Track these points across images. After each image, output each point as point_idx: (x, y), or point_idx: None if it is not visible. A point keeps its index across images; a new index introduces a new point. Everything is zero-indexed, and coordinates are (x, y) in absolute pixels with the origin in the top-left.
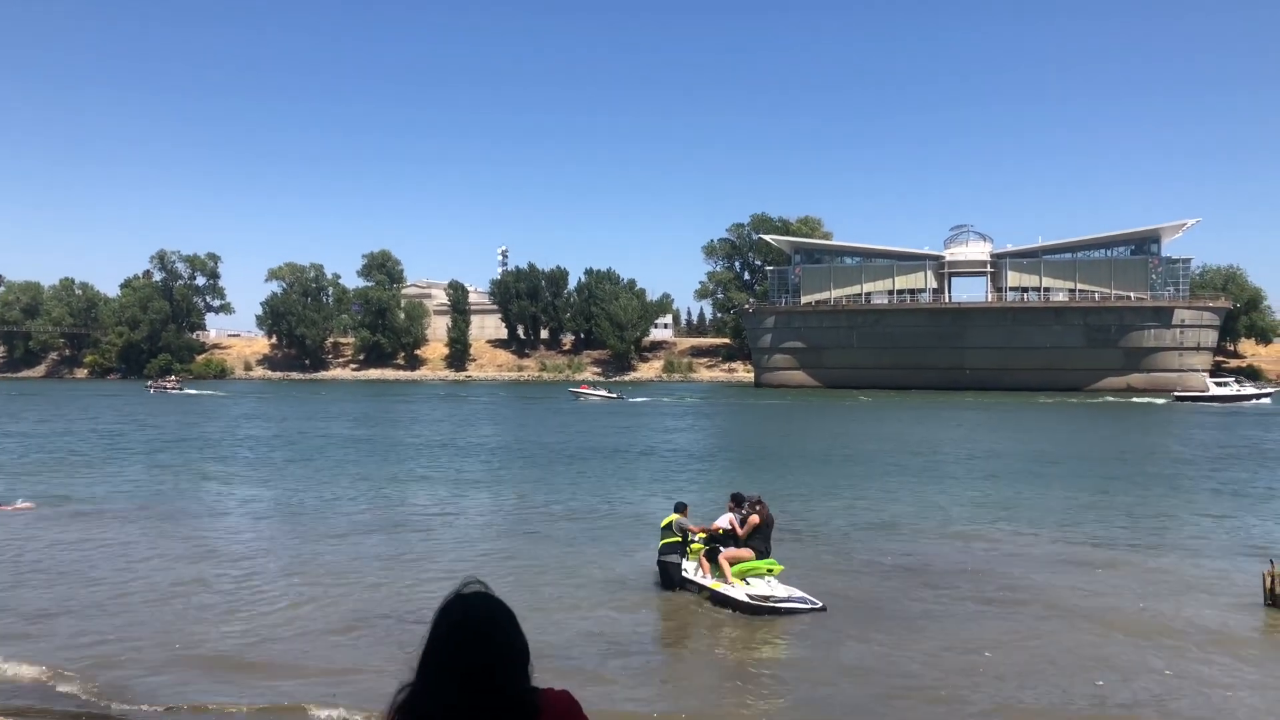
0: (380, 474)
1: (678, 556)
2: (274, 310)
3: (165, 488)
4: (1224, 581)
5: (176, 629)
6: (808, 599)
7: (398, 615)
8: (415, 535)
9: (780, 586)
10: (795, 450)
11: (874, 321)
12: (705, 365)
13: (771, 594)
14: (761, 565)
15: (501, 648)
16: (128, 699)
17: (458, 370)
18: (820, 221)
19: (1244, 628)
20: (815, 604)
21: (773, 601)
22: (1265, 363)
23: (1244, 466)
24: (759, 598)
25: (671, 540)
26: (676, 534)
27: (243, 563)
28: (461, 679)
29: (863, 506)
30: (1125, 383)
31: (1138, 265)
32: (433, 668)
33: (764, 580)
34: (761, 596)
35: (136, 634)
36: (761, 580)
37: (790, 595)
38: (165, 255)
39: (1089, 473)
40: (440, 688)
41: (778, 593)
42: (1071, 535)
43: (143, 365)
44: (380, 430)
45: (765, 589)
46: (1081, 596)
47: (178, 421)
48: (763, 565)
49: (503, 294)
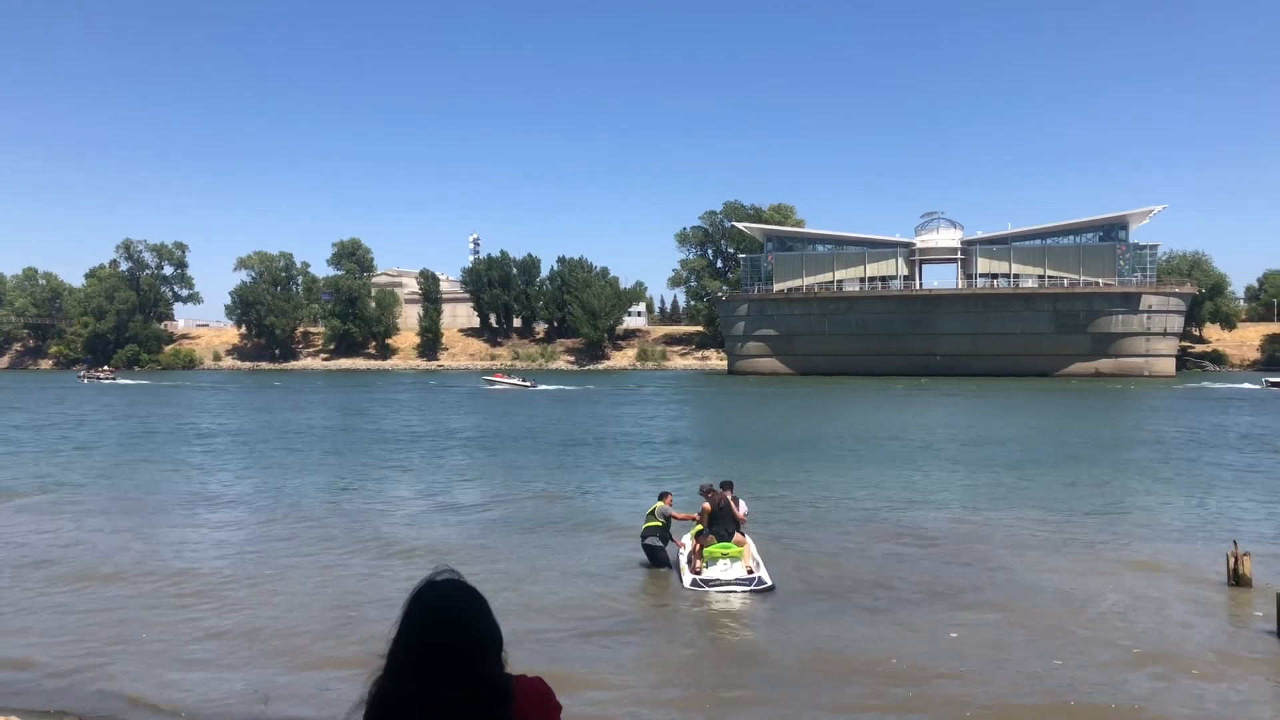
0: (331, 469)
1: (658, 539)
2: (243, 300)
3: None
4: (1189, 562)
5: (149, 625)
6: (759, 579)
7: (376, 606)
8: (380, 525)
9: (735, 568)
10: (762, 437)
11: (846, 309)
12: (679, 353)
13: (721, 576)
14: (717, 549)
15: (473, 634)
16: (100, 698)
17: (430, 359)
18: (793, 209)
19: (1207, 607)
20: (765, 583)
21: (721, 584)
22: (1229, 347)
23: (1216, 450)
24: (711, 580)
25: (654, 525)
26: (660, 520)
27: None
28: (433, 666)
29: (832, 490)
30: (1094, 368)
31: (1106, 251)
32: (403, 655)
33: (720, 563)
34: (713, 579)
35: (107, 631)
36: (719, 563)
37: (739, 577)
38: (131, 244)
39: (1058, 456)
40: (412, 675)
41: (729, 574)
42: (1040, 517)
43: (109, 356)
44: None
45: (718, 571)
46: (1047, 577)
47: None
48: (718, 549)
49: (475, 282)
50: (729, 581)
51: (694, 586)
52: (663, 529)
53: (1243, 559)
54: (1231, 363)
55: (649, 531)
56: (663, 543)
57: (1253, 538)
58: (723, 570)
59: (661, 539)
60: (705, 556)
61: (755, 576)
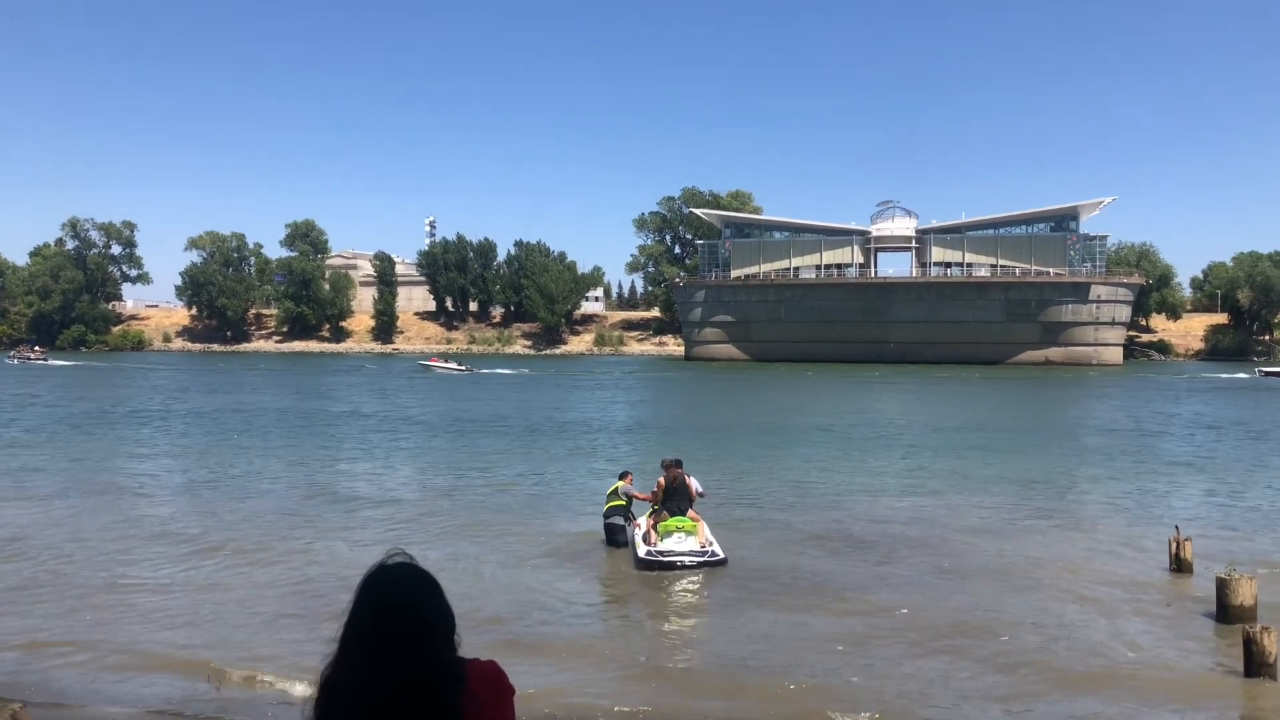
0: (285, 450)
1: (621, 518)
2: (194, 280)
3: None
4: (1133, 547)
5: (105, 620)
6: (713, 553)
7: (331, 590)
8: (343, 509)
9: (689, 541)
10: (720, 423)
11: (802, 295)
12: (636, 339)
13: (676, 548)
14: (672, 523)
15: (425, 617)
16: (57, 697)
17: (384, 343)
18: (750, 195)
19: (1149, 591)
20: (718, 556)
21: (675, 555)
22: (1174, 337)
23: (1168, 437)
24: (666, 552)
25: (616, 504)
26: (621, 499)
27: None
28: (384, 650)
29: (784, 474)
30: (1044, 356)
31: (1057, 242)
32: (355, 640)
33: (675, 536)
34: (668, 551)
35: (61, 625)
36: (673, 536)
37: (693, 550)
38: (78, 223)
39: (1012, 443)
40: (363, 660)
41: (683, 547)
42: (990, 502)
43: (55, 336)
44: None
45: (674, 544)
46: (996, 561)
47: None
48: (673, 523)
49: (430, 265)
50: (683, 553)
51: (648, 558)
52: (625, 508)
53: (1184, 544)
54: (1176, 352)
55: (612, 510)
56: (624, 521)
57: (1198, 523)
58: (677, 543)
59: (624, 517)
60: (660, 531)
61: (709, 550)
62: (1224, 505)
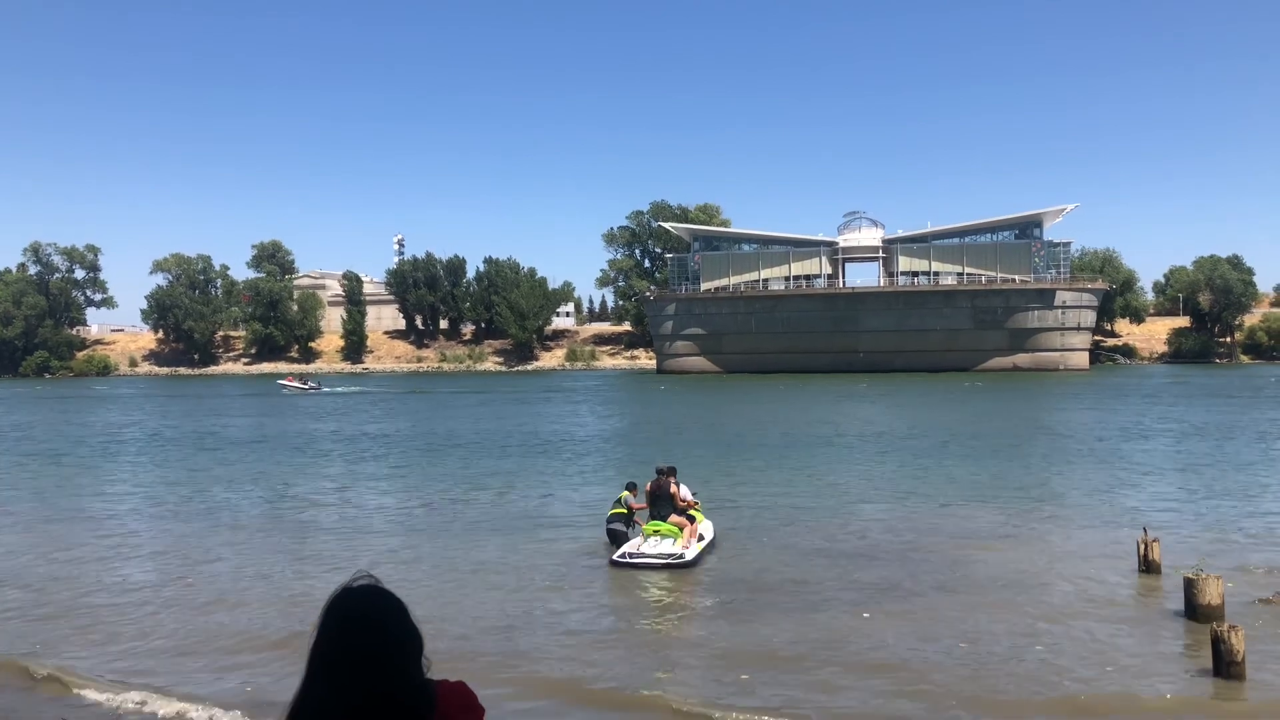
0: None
1: (621, 524)
2: (159, 303)
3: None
4: (1102, 549)
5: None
6: (677, 555)
7: (301, 611)
8: (312, 531)
9: (664, 544)
10: (694, 436)
11: (771, 307)
12: (608, 353)
13: (647, 551)
14: (649, 527)
15: (392, 639)
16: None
17: (354, 362)
18: (719, 209)
19: (1117, 592)
20: (682, 558)
21: (642, 557)
22: (1138, 340)
23: (1135, 441)
24: (635, 554)
25: (619, 511)
26: (624, 508)
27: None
28: (351, 671)
29: (757, 484)
30: (1011, 362)
31: (1021, 249)
32: (321, 662)
33: (651, 539)
34: (636, 554)
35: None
36: (650, 539)
37: (662, 553)
38: (40, 247)
39: (983, 450)
40: (330, 682)
41: (654, 550)
42: (960, 509)
43: (18, 363)
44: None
45: (648, 547)
46: (965, 565)
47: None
48: (650, 527)
49: (399, 284)
50: (650, 555)
51: (618, 559)
52: (627, 516)
53: (1152, 545)
54: (1141, 356)
55: (614, 518)
56: (624, 527)
57: (1165, 524)
58: (651, 546)
59: (625, 524)
60: (643, 534)
61: (674, 553)
62: (1191, 506)
